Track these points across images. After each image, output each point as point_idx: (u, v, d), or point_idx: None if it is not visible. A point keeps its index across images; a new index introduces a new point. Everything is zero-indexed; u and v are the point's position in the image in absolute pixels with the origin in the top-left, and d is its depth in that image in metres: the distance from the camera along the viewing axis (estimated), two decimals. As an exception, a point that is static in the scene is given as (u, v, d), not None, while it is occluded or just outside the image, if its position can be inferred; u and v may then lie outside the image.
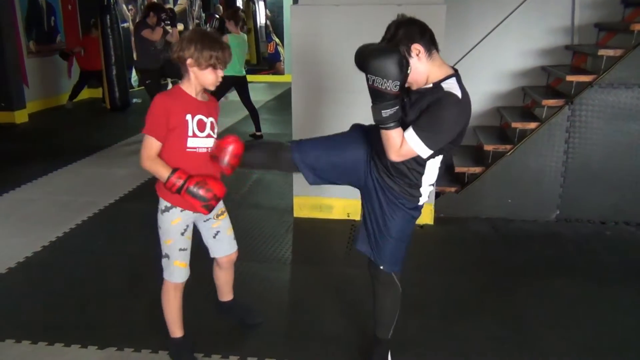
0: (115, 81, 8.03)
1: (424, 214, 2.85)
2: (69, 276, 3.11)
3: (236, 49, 5.83)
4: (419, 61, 1.84)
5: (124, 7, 10.01)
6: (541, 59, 4.57)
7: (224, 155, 2.09)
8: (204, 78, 2.05)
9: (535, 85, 4.56)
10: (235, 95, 6.28)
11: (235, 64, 5.83)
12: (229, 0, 12.47)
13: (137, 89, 9.71)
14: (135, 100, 8.66)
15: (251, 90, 6.29)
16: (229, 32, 6.03)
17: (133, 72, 9.68)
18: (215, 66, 2.03)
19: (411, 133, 1.84)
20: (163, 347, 2.38)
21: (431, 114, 1.83)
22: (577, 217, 3.96)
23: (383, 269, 2.12)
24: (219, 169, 2.15)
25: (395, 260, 2.12)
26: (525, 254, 3.49)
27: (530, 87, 4.52)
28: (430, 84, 1.89)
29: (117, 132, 6.56)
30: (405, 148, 1.85)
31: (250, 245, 3.51)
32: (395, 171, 2.00)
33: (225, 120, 7.14)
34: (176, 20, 6.84)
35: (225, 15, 7.50)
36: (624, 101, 3.73)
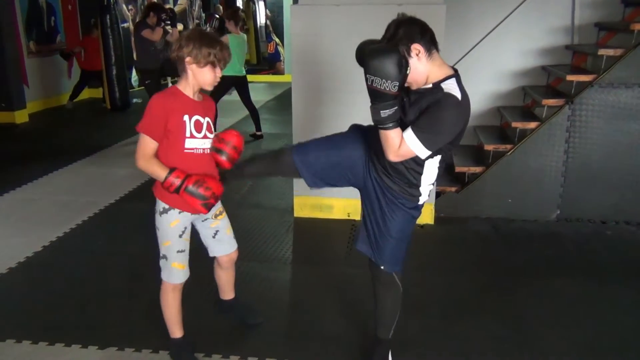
0: (116, 81, 8.03)
1: (424, 213, 2.85)
2: (70, 276, 3.11)
3: (236, 49, 5.84)
4: (419, 61, 1.84)
5: (124, 7, 10.01)
6: (541, 58, 4.57)
7: (224, 147, 2.10)
8: (202, 77, 2.04)
9: (536, 85, 4.56)
10: (235, 95, 6.28)
11: (236, 63, 5.84)
12: (229, 0, 12.47)
13: (137, 89, 9.70)
14: (135, 100, 8.66)
15: (251, 90, 6.30)
16: (229, 32, 6.03)
17: (133, 72, 9.68)
18: (214, 64, 2.02)
19: (410, 134, 1.83)
20: (163, 346, 2.38)
21: (430, 115, 1.82)
22: (577, 217, 3.96)
23: (384, 269, 2.12)
24: (216, 169, 2.15)
25: (396, 260, 2.12)
26: (525, 254, 3.49)
27: (531, 86, 4.52)
28: (429, 84, 1.88)
29: (118, 132, 6.55)
30: (404, 148, 1.85)
31: (251, 245, 3.51)
32: (393, 171, 2.00)
33: (226, 120, 7.14)
34: (176, 20, 6.84)
35: (225, 15, 7.50)
36: (624, 101, 3.73)
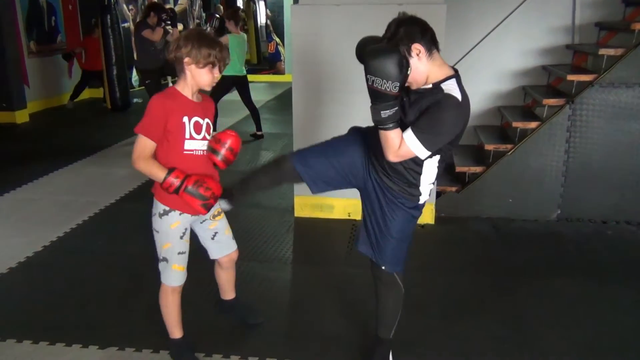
0: (116, 81, 8.03)
1: (424, 213, 2.85)
2: (70, 276, 3.11)
3: (236, 49, 5.85)
4: (419, 61, 1.83)
5: (124, 7, 10.01)
6: (542, 58, 4.57)
7: (220, 148, 2.09)
8: (201, 77, 2.03)
9: (536, 85, 4.56)
10: (235, 95, 6.28)
11: (236, 63, 5.84)
12: (230, 0, 12.47)
13: (137, 88, 9.71)
14: (136, 100, 8.66)
15: (252, 90, 6.29)
16: (229, 31, 6.03)
17: (134, 72, 9.68)
18: (213, 64, 2.01)
19: (410, 134, 1.83)
20: (164, 346, 2.38)
21: (431, 115, 1.82)
22: (578, 217, 3.96)
23: (385, 269, 2.12)
24: (215, 170, 2.15)
25: (397, 260, 2.12)
26: (526, 254, 3.49)
27: (531, 86, 4.52)
28: (429, 84, 1.88)
29: (118, 132, 6.55)
30: (404, 149, 1.85)
31: (251, 245, 3.51)
32: (392, 171, 2.00)
33: (226, 120, 7.14)
34: (176, 20, 6.84)
35: (225, 15, 7.50)
36: (624, 100, 3.73)
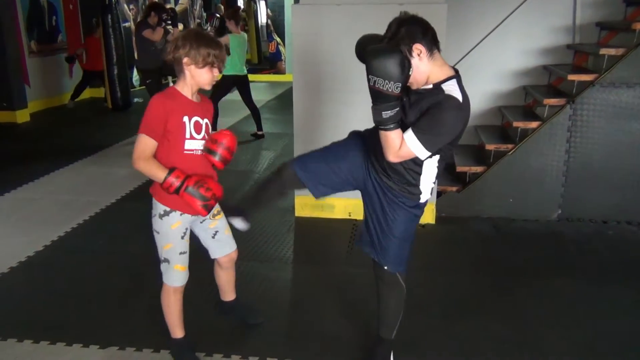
0: (117, 81, 8.03)
1: (425, 213, 2.84)
2: (71, 275, 3.11)
3: (237, 49, 5.86)
4: (420, 61, 1.83)
5: (125, 6, 10.01)
6: (543, 58, 4.57)
7: (217, 148, 2.09)
8: (201, 77, 2.03)
9: (537, 85, 4.56)
10: (236, 95, 6.28)
11: (237, 63, 5.85)
12: (230, 0, 12.47)
13: (138, 88, 9.71)
14: (136, 100, 8.67)
15: (252, 90, 6.29)
16: (230, 31, 6.03)
17: (134, 71, 9.68)
18: (212, 64, 2.01)
19: (410, 135, 1.83)
20: (164, 346, 2.38)
21: (431, 116, 1.82)
22: (578, 217, 3.96)
23: (387, 269, 2.12)
24: (214, 171, 2.15)
25: (400, 260, 2.12)
26: (526, 254, 3.49)
27: (532, 86, 4.52)
28: (430, 85, 1.88)
29: (119, 131, 6.56)
30: (404, 149, 1.85)
31: (252, 245, 3.51)
32: (392, 172, 2.00)
33: (227, 120, 7.14)
34: (177, 20, 6.84)
35: (225, 14, 7.50)
36: (625, 100, 3.72)
